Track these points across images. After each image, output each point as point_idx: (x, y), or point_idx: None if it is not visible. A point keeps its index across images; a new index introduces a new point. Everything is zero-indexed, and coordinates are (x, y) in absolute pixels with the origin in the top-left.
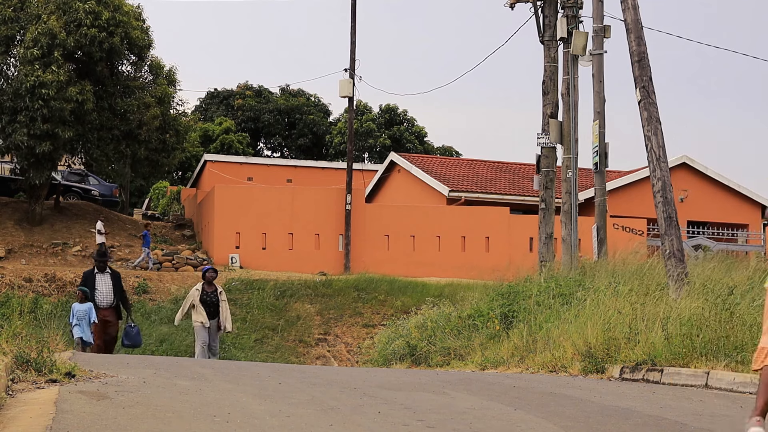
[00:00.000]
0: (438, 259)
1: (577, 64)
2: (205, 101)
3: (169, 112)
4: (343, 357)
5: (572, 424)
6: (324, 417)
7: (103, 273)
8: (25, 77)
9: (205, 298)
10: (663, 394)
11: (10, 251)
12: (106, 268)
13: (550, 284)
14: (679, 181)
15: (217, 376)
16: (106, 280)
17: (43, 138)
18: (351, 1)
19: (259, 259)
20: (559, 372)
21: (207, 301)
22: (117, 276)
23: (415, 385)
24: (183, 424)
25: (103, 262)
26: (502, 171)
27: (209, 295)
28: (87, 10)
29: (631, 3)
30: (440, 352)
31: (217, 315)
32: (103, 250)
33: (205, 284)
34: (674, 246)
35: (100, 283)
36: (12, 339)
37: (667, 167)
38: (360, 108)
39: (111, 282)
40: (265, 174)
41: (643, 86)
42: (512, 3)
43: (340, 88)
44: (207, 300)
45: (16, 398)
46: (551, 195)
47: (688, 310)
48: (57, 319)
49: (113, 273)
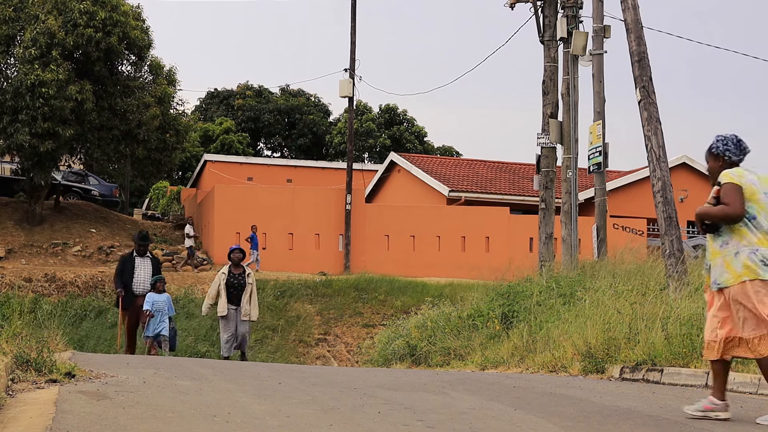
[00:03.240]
0: (438, 259)
1: (577, 64)
2: (205, 101)
3: (169, 112)
4: (343, 357)
5: (572, 424)
6: (324, 417)
7: (143, 257)
8: (24, 76)
9: (232, 280)
10: (663, 394)
11: (10, 251)
12: (146, 252)
13: (551, 284)
14: (679, 181)
15: (217, 376)
16: (146, 265)
17: (45, 137)
18: (351, 1)
19: (263, 257)
20: (559, 372)
21: (234, 284)
22: (157, 262)
23: (415, 385)
24: (183, 424)
25: (144, 245)
26: (502, 171)
27: (236, 278)
28: (82, 10)
29: (631, 3)
30: (440, 352)
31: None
32: (145, 233)
33: (232, 266)
34: (674, 246)
35: (139, 269)
36: (12, 339)
37: (667, 167)
38: (360, 108)
39: (151, 268)
40: (265, 174)
41: (643, 86)
42: (512, 3)
43: (340, 88)
44: (234, 283)
45: (16, 398)
46: (551, 195)
47: (688, 310)
48: (57, 319)
49: (153, 259)
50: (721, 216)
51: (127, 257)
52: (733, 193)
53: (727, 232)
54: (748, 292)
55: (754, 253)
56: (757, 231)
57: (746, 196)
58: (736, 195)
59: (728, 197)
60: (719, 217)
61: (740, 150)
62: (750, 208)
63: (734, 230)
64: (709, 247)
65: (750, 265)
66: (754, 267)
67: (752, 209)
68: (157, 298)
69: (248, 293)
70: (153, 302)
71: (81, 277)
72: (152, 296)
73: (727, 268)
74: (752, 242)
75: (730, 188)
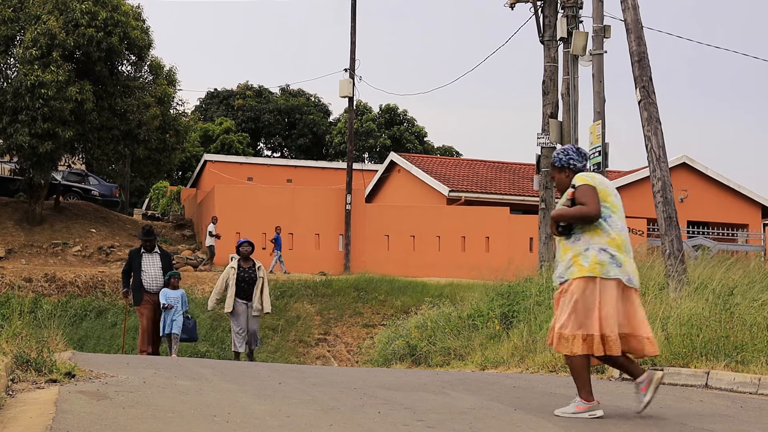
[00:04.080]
0: (438, 259)
1: (577, 64)
2: (205, 101)
3: (169, 112)
4: (343, 357)
5: (572, 425)
6: (324, 417)
7: (151, 253)
8: (24, 77)
9: (242, 274)
10: (663, 394)
11: (10, 251)
12: (154, 247)
13: (551, 284)
14: (679, 181)
15: (217, 376)
16: (155, 261)
17: (44, 138)
18: (351, 1)
19: (259, 259)
20: (559, 372)
21: (244, 278)
22: (167, 257)
23: (415, 385)
24: (183, 424)
25: (150, 241)
26: (502, 171)
27: (246, 272)
28: (84, 10)
29: (631, 3)
30: (440, 352)
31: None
32: (149, 228)
33: (241, 260)
34: (674, 246)
35: (147, 264)
36: (12, 339)
37: (667, 167)
38: (360, 108)
39: (161, 263)
40: (265, 174)
41: (643, 86)
42: (512, 3)
43: (340, 88)
44: (244, 277)
45: (16, 398)
46: (551, 195)
47: (688, 310)
48: (57, 319)
49: (163, 253)
50: (579, 216)
51: (134, 253)
52: (590, 194)
53: (580, 231)
54: (585, 288)
55: (603, 251)
56: (611, 230)
57: (600, 196)
58: (593, 195)
59: (585, 198)
60: (577, 216)
61: (582, 156)
62: (605, 209)
63: (589, 229)
64: (560, 247)
65: (598, 262)
66: (601, 264)
67: (607, 209)
68: (171, 294)
69: (259, 287)
70: (167, 298)
71: (81, 277)
72: (166, 292)
73: (575, 263)
74: (603, 241)
75: (586, 189)
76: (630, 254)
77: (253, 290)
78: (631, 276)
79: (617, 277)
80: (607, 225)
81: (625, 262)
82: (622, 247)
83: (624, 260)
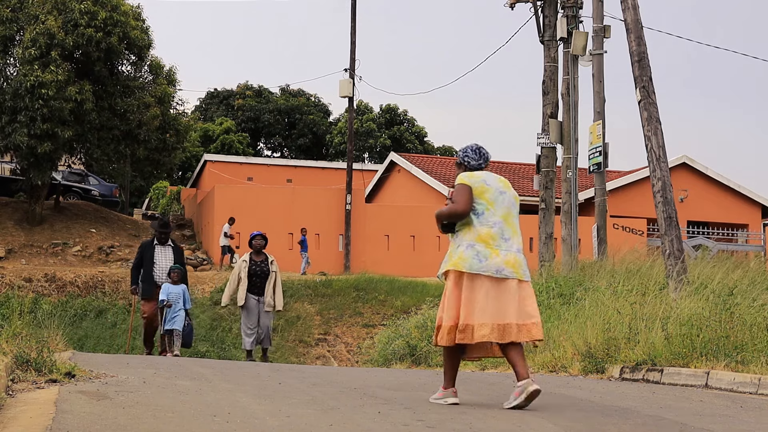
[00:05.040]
0: (438, 259)
1: (577, 64)
2: (205, 101)
3: (169, 112)
4: (343, 357)
5: (572, 424)
6: (324, 417)
7: (164, 246)
8: (24, 77)
9: (255, 269)
10: (663, 394)
11: (10, 251)
12: (168, 240)
13: (550, 284)
14: (679, 181)
15: (217, 376)
16: (167, 253)
17: (43, 138)
18: (351, 1)
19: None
20: (559, 372)
21: (257, 272)
22: (180, 251)
23: (415, 385)
24: (183, 424)
25: (164, 233)
26: (502, 171)
27: (258, 265)
28: (83, 10)
29: (631, 3)
30: (440, 352)
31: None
32: (165, 220)
33: (253, 254)
34: (674, 246)
35: (159, 257)
36: (12, 339)
37: (667, 167)
38: (360, 108)
39: (173, 256)
40: (265, 174)
41: (643, 86)
42: (512, 3)
43: (340, 88)
44: (257, 271)
45: (16, 398)
46: (551, 195)
47: (688, 310)
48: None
49: (176, 247)
50: (448, 213)
51: (147, 245)
52: (461, 192)
53: (461, 228)
54: (453, 282)
55: (470, 247)
56: (482, 226)
57: (475, 194)
58: (464, 194)
59: (456, 196)
60: (446, 214)
61: (479, 156)
62: (479, 205)
63: (464, 226)
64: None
65: (462, 258)
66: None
67: (481, 206)
68: (172, 289)
69: (272, 282)
70: (168, 293)
71: (81, 277)
72: (167, 287)
73: (449, 258)
74: (471, 238)
75: (459, 188)
76: (507, 247)
77: (265, 285)
78: (501, 268)
79: (480, 272)
80: (477, 221)
81: (492, 256)
82: (492, 241)
83: (491, 254)
